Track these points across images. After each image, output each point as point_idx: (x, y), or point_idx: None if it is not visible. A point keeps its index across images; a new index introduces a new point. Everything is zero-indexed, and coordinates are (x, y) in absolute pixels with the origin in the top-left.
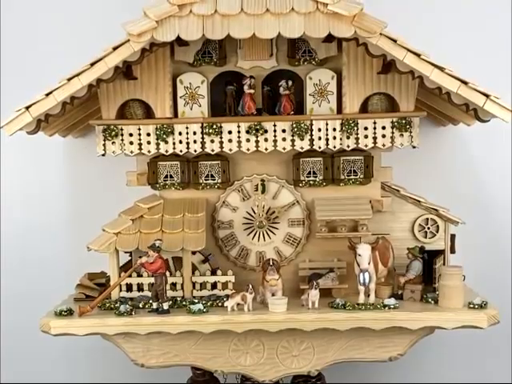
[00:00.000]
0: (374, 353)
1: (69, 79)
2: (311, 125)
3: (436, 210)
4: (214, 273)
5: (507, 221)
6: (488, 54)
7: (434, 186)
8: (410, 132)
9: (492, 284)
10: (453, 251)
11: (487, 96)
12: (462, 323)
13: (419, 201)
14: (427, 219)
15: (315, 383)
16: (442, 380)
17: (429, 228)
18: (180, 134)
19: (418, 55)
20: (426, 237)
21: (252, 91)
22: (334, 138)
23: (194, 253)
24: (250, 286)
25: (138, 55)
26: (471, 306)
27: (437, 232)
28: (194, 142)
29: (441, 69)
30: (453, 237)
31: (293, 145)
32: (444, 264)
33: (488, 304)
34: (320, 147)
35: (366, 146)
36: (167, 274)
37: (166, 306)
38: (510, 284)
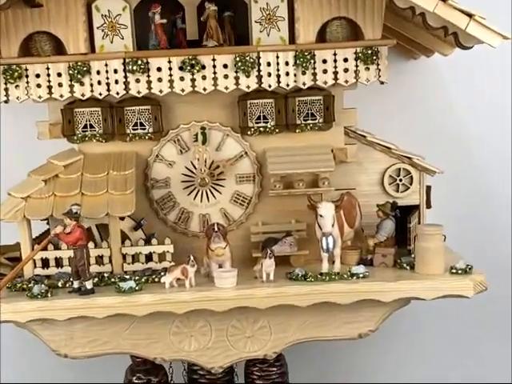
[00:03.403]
0: (341, 330)
1: None
2: (258, 58)
3: (409, 158)
4: (148, 242)
5: (491, 165)
6: None
7: (405, 130)
8: (378, 65)
9: (475, 244)
10: (429, 206)
11: (470, 16)
12: (443, 292)
13: (389, 148)
14: (399, 169)
15: (273, 365)
16: (421, 359)
17: (401, 180)
18: (98, 73)
19: None
20: (398, 190)
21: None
22: (287, 73)
23: (122, 218)
24: (192, 258)
25: None
26: (454, 271)
27: (410, 184)
28: (116, 82)
29: None
30: (428, 189)
31: (237, 83)
32: (420, 222)
33: (473, 268)
34: (270, 85)
35: (326, 82)
36: (90, 245)
37: (89, 284)
38: (498, 242)
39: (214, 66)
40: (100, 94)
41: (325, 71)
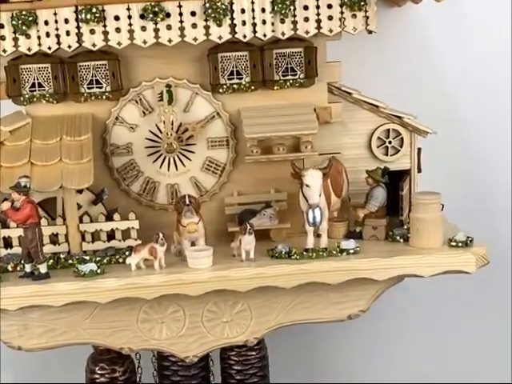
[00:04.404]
0: (328, 311)
1: None
2: (231, 4)
3: (399, 117)
4: (109, 217)
5: (484, 123)
6: None
7: (394, 87)
8: (366, 11)
9: (471, 213)
10: (419, 170)
11: None
12: (443, 268)
13: (377, 106)
14: (388, 130)
15: (252, 349)
16: (417, 346)
17: (390, 142)
18: (46, 23)
19: None
20: (387, 154)
21: None
22: (264, 22)
23: (80, 191)
24: (161, 235)
25: None
26: (453, 244)
27: (401, 147)
28: (67, 33)
29: None
30: (419, 151)
31: (207, 33)
32: (411, 189)
33: (474, 241)
34: (245, 36)
35: (307, 32)
36: (43, 222)
37: (43, 268)
38: (495, 211)
39: (181, 14)
40: (49, 48)
41: (306, 19)
